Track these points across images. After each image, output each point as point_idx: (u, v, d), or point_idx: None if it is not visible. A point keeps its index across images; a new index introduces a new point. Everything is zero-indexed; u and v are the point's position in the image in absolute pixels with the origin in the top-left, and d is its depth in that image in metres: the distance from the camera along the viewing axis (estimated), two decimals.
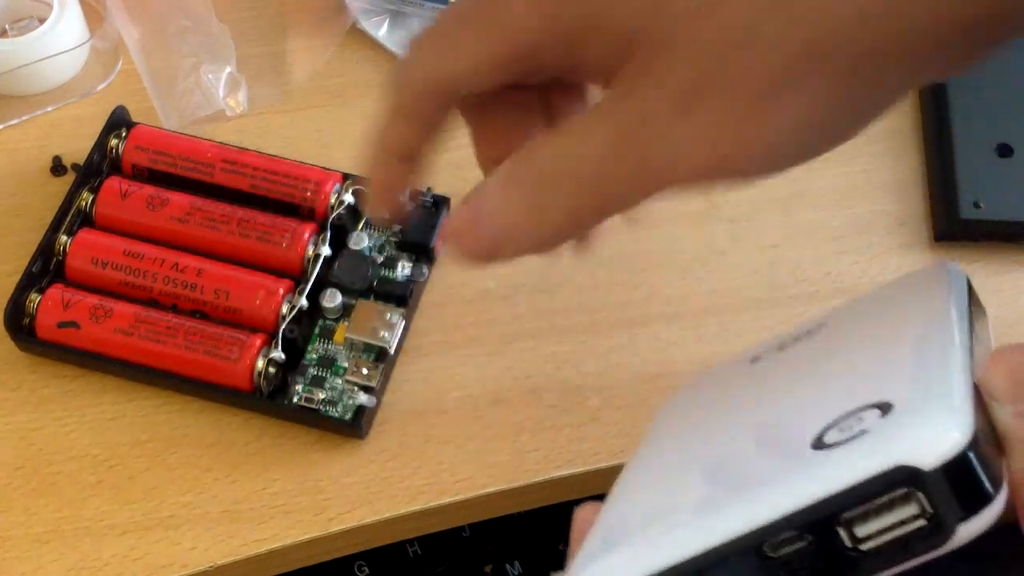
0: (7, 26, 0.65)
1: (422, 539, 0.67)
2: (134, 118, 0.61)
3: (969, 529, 0.26)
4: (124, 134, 0.59)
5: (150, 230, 0.57)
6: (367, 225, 0.58)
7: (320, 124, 0.64)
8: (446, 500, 0.53)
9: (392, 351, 0.55)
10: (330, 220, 0.57)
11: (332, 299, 0.55)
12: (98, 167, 0.59)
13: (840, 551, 0.27)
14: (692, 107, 0.30)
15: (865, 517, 0.27)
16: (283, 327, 0.54)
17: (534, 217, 0.35)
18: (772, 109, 0.30)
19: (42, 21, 0.63)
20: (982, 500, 0.26)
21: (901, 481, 0.26)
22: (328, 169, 0.59)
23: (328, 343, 0.55)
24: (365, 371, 0.54)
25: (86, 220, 0.58)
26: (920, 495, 0.26)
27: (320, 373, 0.55)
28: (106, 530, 0.52)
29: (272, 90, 0.64)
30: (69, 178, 0.61)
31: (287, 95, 0.64)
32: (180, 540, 0.52)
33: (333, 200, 0.58)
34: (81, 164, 0.59)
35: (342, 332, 0.55)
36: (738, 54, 0.30)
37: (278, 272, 0.56)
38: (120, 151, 0.59)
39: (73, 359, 0.55)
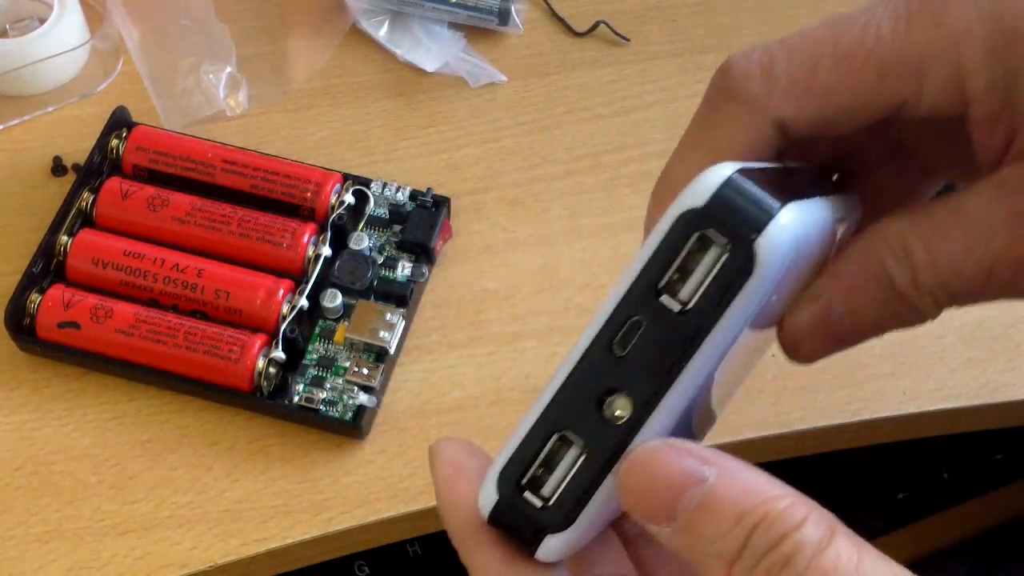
0: (7, 26, 0.65)
1: (422, 539, 0.67)
2: (135, 118, 0.61)
3: (772, 242, 0.28)
4: (125, 134, 0.60)
5: (150, 230, 0.57)
6: (367, 225, 0.58)
7: (321, 124, 0.64)
8: None
9: (392, 351, 0.55)
10: (330, 220, 0.57)
11: (332, 299, 0.55)
12: (99, 167, 0.59)
13: (673, 318, 0.29)
14: None
15: (679, 280, 0.29)
16: (283, 327, 0.54)
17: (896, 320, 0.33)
18: None
19: (42, 21, 0.63)
20: (766, 212, 0.28)
21: (688, 229, 0.28)
22: (329, 169, 0.59)
23: (328, 343, 0.55)
24: (365, 371, 0.54)
25: (87, 220, 0.58)
26: (709, 232, 0.28)
27: (320, 373, 0.55)
28: (106, 530, 0.52)
29: (272, 90, 0.64)
30: (70, 178, 0.61)
31: (287, 95, 0.64)
32: (180, 540, 0.52)
33: (333, 200, 0.58)
34: (82, 164, 0.59)
35: (342, 332, 0.55)
36: None
37: (278, 272, 0.56)
38: (121, 151, 0.59)
39: (73, 359, 0.55)
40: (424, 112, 0.64)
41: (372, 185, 0.59)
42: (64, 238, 0.57)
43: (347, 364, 0.55)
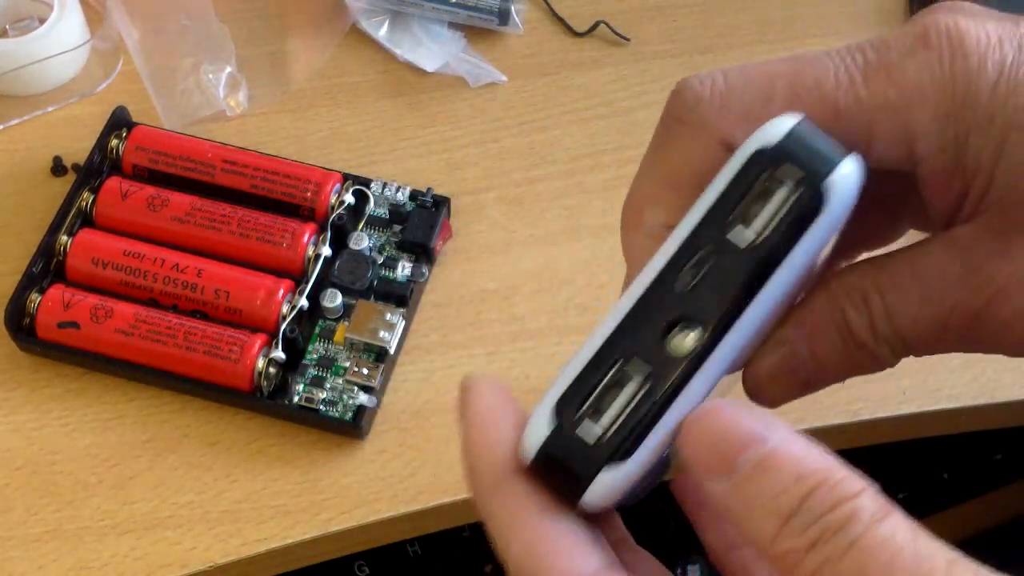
0: (7, 26, 0.65)
1: (422, 539, 0.67)
2: (134, 118, 0.61)
3: (837, 185, 0.29)
4: (124, 134, 0.60)
5: (150, 230, 0.57)
6: (367, 225, 0.58)
7: (320, 124, 0.64)
8: (446, 500, 0.53)
9: (392, 351, 0.55)
10: (330, 220, 0.57)
11: (332, 299, 0.55)
12: (98, 167, 0.59)
13: (742, 252, 0.29)
14: None
15: (751, 213, 0.29)
16: (283, 327, 0.54)
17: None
18: None
19: (42, 21, 0.63)
20: (836, 154, 0.29)
21: (761, 166, 0.29)
22: (329, 169, 0.59)
23: (328, 343, 0.55)
24: (365, 371, 0.54)
25: (86, 220, 0.58)
26: (782, 168, 0.29)
27: (320, 373, 0.55)
28: (106, 530, 0.52)
29: (272, 90, 0.64)
30: (70, 178, 0.61)
31: (287, 95, 0.64)
32: (180, 540, 0.52)
33: (333, 200, 0.58)
34: (81, 164, 0.59)
35: (342, 332, 0.55)
36: None
37: (278, 272, 0.56)
38: (120, 151, 0.59)
39: (74, 359, 0.55)
40: (424, 112, 0.64)
41: (372, 185, 0.59)
42: (64, 238, 0.57)
43: (347, 364, 0.55)
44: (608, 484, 0.29)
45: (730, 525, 0.28)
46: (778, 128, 0.30)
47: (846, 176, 0.29)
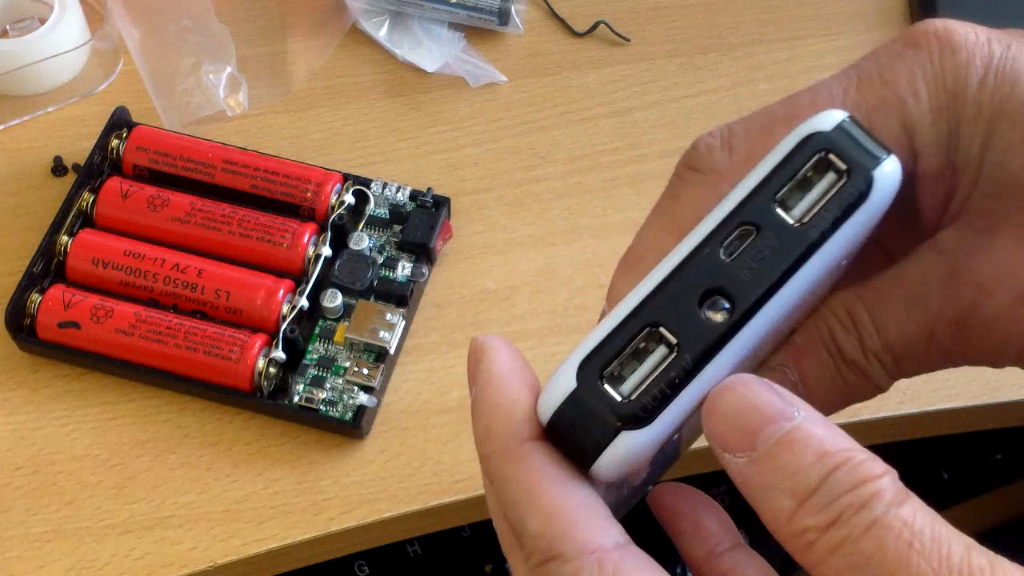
0: (8, 26, 0.65)
1: (422, 539, 0.67)
2: (135, 118, 0.61)
3: (883, 178, 0.30)
4: (125, 134, 0.60)
5: (151, 230, 0.57)
6: (367, 225, 0.59)
7: (321, 124, 0.64)
8: (446, 500, 0.53)
9: (392, 351, 0.55)
10: (331, 220, 0.57)
11: (332, 299, 0.55)
12: (99, 167, 0.59)
13: (787, 229, 0.30)
14: None
15: (795, 196, 0.30)
16: (284, 327, 0.54)
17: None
18: None
19: (43, 21, 0.63)
20: (882, 150, 0.30)
21: (814, 148, 0.30)
22: (329, 169, 0.59)
23: (328, 343, 0.55)
24: (365, 371, 0.54)
25: (87, 220, 0.58)
26: (831, 156, 0.30)
27: (320, 373, 0.55)
28: (107, 530, 0.52)
29: (272, 90, 0.64)
30: (70, 178, 0.61)
31: (287, 95, 0.65)
32: (180, 540, 0.52)
33: (334, 200, 0.58)
34: (82, 164, 0.59)
35: (342, 332, 0.55)
36: None
37: (279, 272, 0.56)
38: (121, 151, 0.59)
39: (74, 359, 0.55)
40: (424, 112, 0.64)
41: (372, 185, 0.59)
42: (64, 238, 0.57)
43: (347, 364, 0.55)
44: (624, 449, 0.28)
45: (747, 499, 0.28)
46: (830, 118, 0.30)
47: (890, 172, 0.30)
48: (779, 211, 0.30)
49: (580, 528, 0.27)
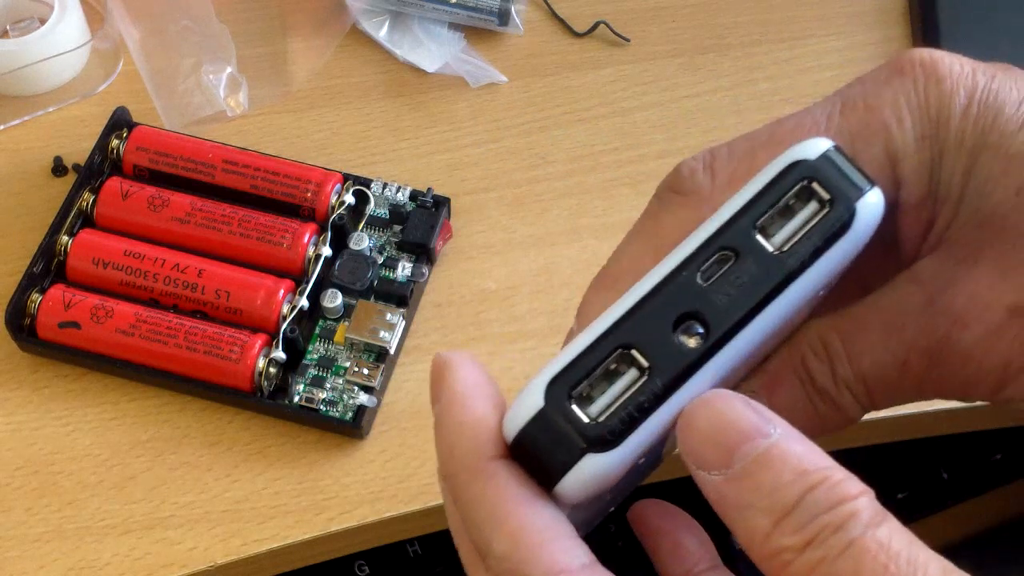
0: (8, 27, 0.65)
1: (422, 539, 0.67)
2: (135, 119, 0.61)
3: (866, 210, 0.30)
4: (125, 135, 0.60)
5: (151, 230, 0.57)
6: (368, 225, 0.59)
7: (321, 124, 0.64)
8: None
9: (392, 351, 0.55)
10: (331, 220, 0.57)
11: (333, 299, 0.55)
12: (99, 168, 0.59)
13: (766, 257, 0.29)
14: None
15: (776, 223, 0.30)
16: (284, 327, 0.54)
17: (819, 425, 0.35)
18: None
19: (43, 22, 0.63)
20: (866, 181, 0.30)
21: (798, 177, 0.30)
22: (329, 169, 0.59)
23: (329, 343, 0.56)
24: (365, 371, 0.54)
25: (87, 220, 0.58)
26: (815, 185, 0.29)
27: (320, 373, 0.55)
28: (107, 530, 0.52)
29: (273, 90, 0.64)
30: (70, 179, 0.61)
31: (288, 95, 0.65)
32: (180, 540, 0.52)
33: (334, 200, 0.58)
34: (82, 165, 0.59)
35: (342, 332, 0.55)
36: None
37: (279, 272, 0.56)
38: (121, 151, 0.59)
39: (74, 359, 0.55)
40: (424, 112, 0.64)
41: (372, 185, 0.59)
42: (64, 238, 0.57)
43: (347, 364, 0.55)
44: (589, 472, 0.28)
45: (722, 517, 0.27)
46: (815, 146, 0.30)
47: (873, 204, 0.30)
48: (759, 238, 0.29)
49: (545, 549, 0.27)
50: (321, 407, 0.54)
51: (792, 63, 0.66)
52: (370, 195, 0.59)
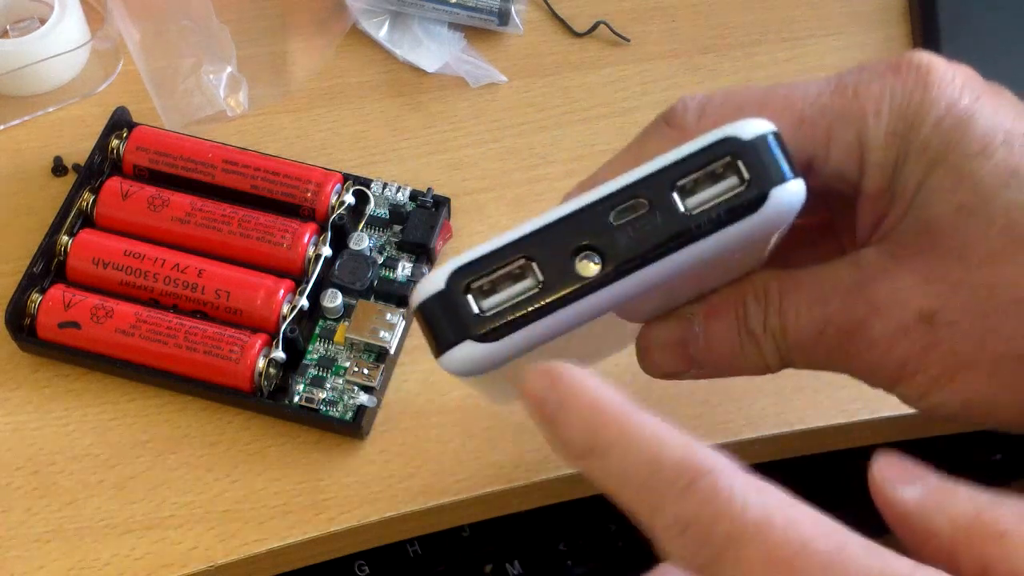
0: (8, 26, 0.65)
1: (422, 539, 0.67)
2: (135, 119, 0.61)
3: (779, 197, 0.32)
4: (125, 135, 0.60)
5: (151, 230, 0.57)
6: (367, 225, 0.59)
7: (321, 124, 0.64)
8: (446, 500, 0.53)
9: (392, 351, 0.55)
10: (331, 221, 0.57)
11: (333, 299, 0.55)
12: (99, 168, 0.59)
13: (675, 214, 0.32)
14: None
15: (696, 187, 0.32)
16: (284, 327, 0.54)
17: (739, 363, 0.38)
18: None
19: (43, 22, 0.63)
20: (789, 171, 0.32)
21: (725, 150, 0.32)
22: (329, 170, 0.59)
23: (329, 343, 0.56)
24: (365, 371, 0.54)
25: (87, 220, 0.58)
26: (739, 163, 0.32)
27: (320, 373, 0.55)
28: (107, 530, 0.52)
29: (273, 90, 0.64)
30: (70, 179, 0.61)
31: (288, 95, 0.65)
32: (180, 540, 0.52)
33: (334, 201, 0.58)
34: (82, 164, 0.59)
35: (343, 332, 0.55)
36: None
37: (279, 272, 0.56)
38: (121, 151, 0.59)
39: (74, 359, 0.55)
40: (424, 112, 0.64)
41: (372, 185, 0.59)
42: (64, 238, 0.57)
43: (347, 364, 0.55)
44: (466, 355, 0.32)
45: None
46: (752, 127, 0.32)
47: (791, 193, 0.32)
48: (675, 195, 0.32)
49: (700, 448, 0.28)
50: (321, 407, 0.54)
51: (792, 63, 0.66)
52: (370, 195, 0.59)
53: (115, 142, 0.59)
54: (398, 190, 0.59)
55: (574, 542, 0.66)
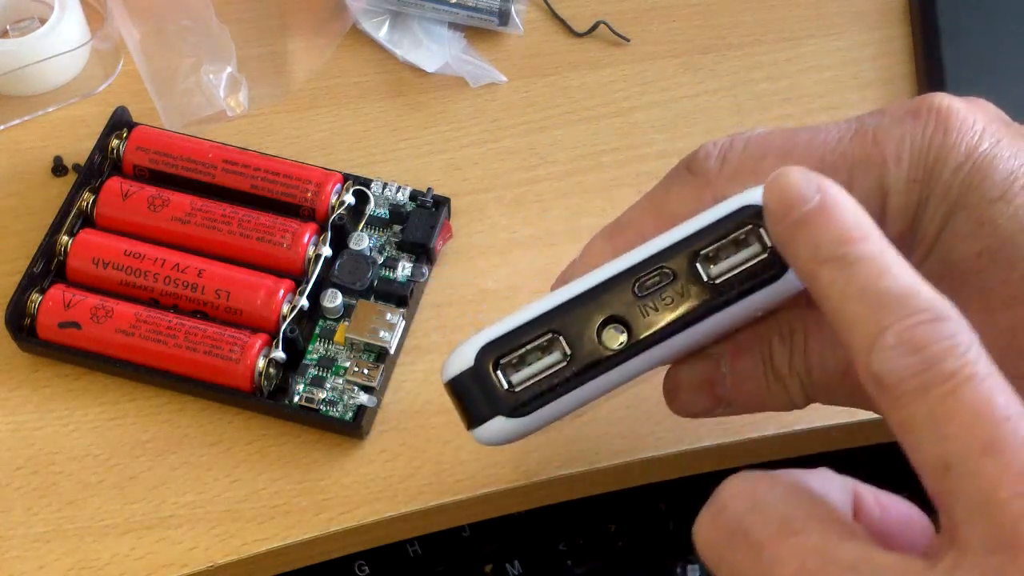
0: (8, 26, 0.65)
1: (422, 539, 0.67)
2: (135, 119, 0.61)
3: None
4: (125, 134, 0.60)
5: (151, 230, 0.57)
6: (367, 225, 0.59)
7: (321, 124, 0.64)
8: (446, 500, 0.53)
9: (392, 351, 0.55)
10: (331, 221, 0.57)
11: (333, 299, 0.55)
12: (99, 167, 0.59)
13: (699, 284, 0.33)
14: None
15: (719, 255, 0.33)
16: (284, 327, 0.54)
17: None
18: None
19: (43, 22, 0.63)
20: None
21: (747, 217, 0.32)
22: (329, 170, 0.59)
23: (329, 343, 0.56)
24: (365, 371, 0.54)
25: (87, 220, 0.58)
26: (761, 230, 0.32)
27: (320, 373, 0.55)
28: (107, 530, 0.52)
29: (273, 90, 0.64)
30: (70, 179, 0.61)
31: (288, 95, 0.65)
32: (180, 540, 0.52)
33: (334, 200, 0.58)
34: (82, 164, 0.59)
35: (342, 332, 0.55)
36: None
37: (279, 272, 0.56)
38: (121, 151, 0.59)
39: (74, 359, 0.55)
40: (424, 112, 0.64)
41: (372, 185, 0.59)
42: (64, 238, 0.57)
43: (347, 364, 0.55)
44: (497, 430, 0.33)
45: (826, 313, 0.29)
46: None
47: None
48: (698, 265, 0.33)
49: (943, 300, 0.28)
50: (321, 407, 0.54)
51: (792, 63, 0.66)
52: (370, 195, 0.59)
53: (115, 142, 0.59)
54: (398, 190, 0.59)
55: (574, 542, 0.66)
